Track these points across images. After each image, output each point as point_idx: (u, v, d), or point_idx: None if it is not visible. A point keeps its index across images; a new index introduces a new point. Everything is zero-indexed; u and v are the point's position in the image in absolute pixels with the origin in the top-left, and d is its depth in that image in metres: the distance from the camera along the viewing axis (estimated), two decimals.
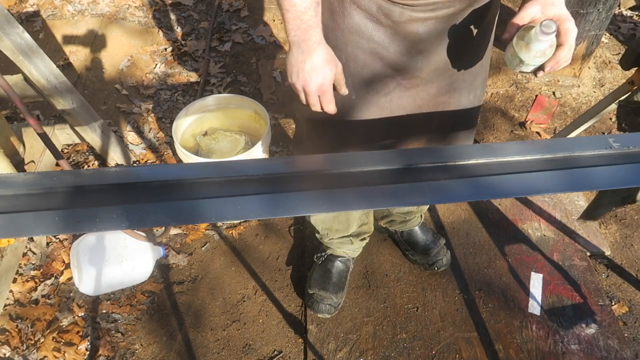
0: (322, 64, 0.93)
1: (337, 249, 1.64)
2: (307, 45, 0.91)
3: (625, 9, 2.99)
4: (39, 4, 2.91)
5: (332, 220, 1.52)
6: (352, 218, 1.51)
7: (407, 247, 1.77)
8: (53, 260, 1.80)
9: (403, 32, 0.97)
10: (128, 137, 2.24)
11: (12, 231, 0.59)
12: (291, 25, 0.90)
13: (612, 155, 0.72)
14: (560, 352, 1.57)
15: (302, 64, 0.93)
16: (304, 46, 0.92)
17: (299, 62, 0.93)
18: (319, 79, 0.93)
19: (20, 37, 1.48)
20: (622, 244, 1.90)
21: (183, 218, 0.61)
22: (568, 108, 2.44)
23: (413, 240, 1.75)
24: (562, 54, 0.88)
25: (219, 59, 2.64)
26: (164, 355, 1.59)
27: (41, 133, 1.24)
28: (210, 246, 1.87)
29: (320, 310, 1.61)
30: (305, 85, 0.95)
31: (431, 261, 1.73)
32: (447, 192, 0.67)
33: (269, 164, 0.71)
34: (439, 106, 1.12)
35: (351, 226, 1.54)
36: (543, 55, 0.88)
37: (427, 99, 1.10)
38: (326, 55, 0.94)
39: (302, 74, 0.94)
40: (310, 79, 0.94)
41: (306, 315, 1.65)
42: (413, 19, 0.95)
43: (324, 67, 0.93)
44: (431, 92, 1.09)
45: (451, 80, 1.09)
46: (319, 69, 0.93)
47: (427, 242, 1.73)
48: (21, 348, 1.59)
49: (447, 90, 1.10)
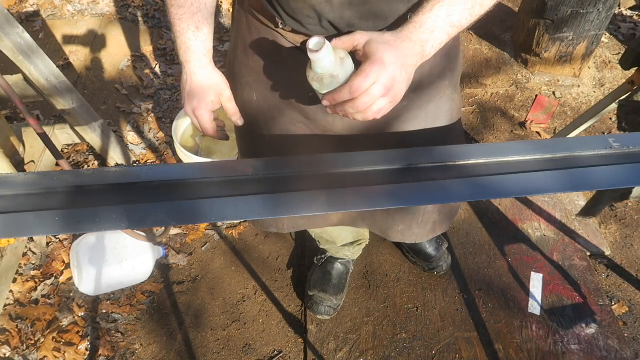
0: (199, 88, 0.91)
1: (336, 253, 1.64)
2: (189, 67, 0.91)
3: (625, 9, 2.99)
4: (39, 4, 2.91)
5: (330, 235, 1.51)
6: (337, 235, 1.50)
7: (408, 250, 1.76)
8: (53, 260, 1.80)
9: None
10: (128, 137, 2.24)
11: (13, 231, 0.59)
12: (176, 44, 0.91)
13: (612, 155, 0.72)
14: (560, 352, 1.57)
15: (184, 85, 0.93)
16: (186, 67, 0.91)
17: (182, 83, 0.93)
18: (194, 103, 0.92)
19: (20, 37, 1.48)
20: (622, 244, 1.90)
21: (183, 218, 0.61)
22: (568, 108, 2.44)
23: (417, 247, 1.72)
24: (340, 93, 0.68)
25: (219, 59, 2.64)
26: (164, 355, 1.59)
27: (41, 133, 1.23)
28: (210, 246, 1.87)
29: (320, 312, 1.61)
30: (184, 106, 0.94)
31: (432, 266, 1.71)
32: (447, 192, 0.67)
33: (269, 164, 0.71)
34: (400, 143, 0.96)
35: (346, 238, 1.54)
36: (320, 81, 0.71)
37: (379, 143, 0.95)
38: (208, 80, 0.92)
39: (183, 94, 0.94)
40: (186, 102, 0.93)
41: (306, 315, 1.65)
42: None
43: (202, 92, 0.92)
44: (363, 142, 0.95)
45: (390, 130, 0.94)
46: (195, 93, 0.92)
47: (431, 250, 1.70)
48: (21, 348, 1.59)
49: (392, 137, 0.95)
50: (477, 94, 2.49)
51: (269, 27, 0.85)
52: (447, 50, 0.87)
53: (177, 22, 0.88)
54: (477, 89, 2.51)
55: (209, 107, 0.94)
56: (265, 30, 0.87)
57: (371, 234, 1.66)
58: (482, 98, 2.46)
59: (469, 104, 2.44)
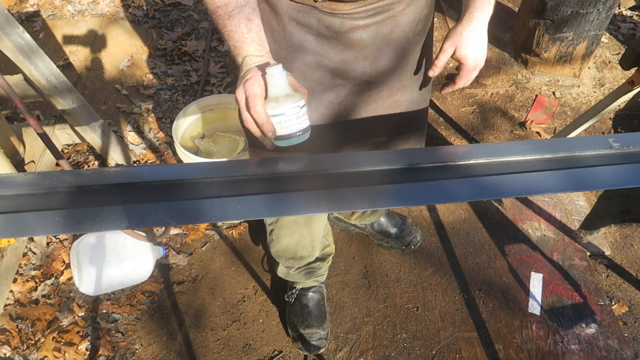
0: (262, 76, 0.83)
1: (306, 281, 1.59)
2: (247, 61, 0.85)
3: (625, 9, 2.99)
4: (39, 4, 2.91)
5: (296, 247, 1.45)
6: (316, 240, 1.47)
7: (381, 237, 1.82)
8: (53, 260, 1.80)
9: (347, 41, 0.97)
10: (128, 137, 2.24)
11: (13, 231, 0.59)
12: (231, 45, 0.87)
13: (612, 155, 0.72)
14: (560, 352, 1.57)
15: (244, 76, 0.84)
16: (245, 62, 0.85)
17: (240, 79, 0.84)
18: (255, 88, 0.81)
19: (20, 37, 1.48)
20: (622, 244, 1.90)
21: (183, 218, 0.61)
22: (568, 108, 2.44)
23: (384, 229, 1.81)
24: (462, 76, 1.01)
25: (219, 59, 2.64)
26: (164, 355, 1.59)
27: (41, 133, 1.24)
28: (211, 246, 1.87)
29: (314, 348, 1.56)
30: (242, 91, 0.82)
31: (407, 242, 1.81)
32: (447, 192, 0.67)
33: (269, 164, 0.71)
34: (393, 106, 1.13)
35: (316, 249, 1.50)
36: (275, 101, 0.79)
37: (380, 101, 1.11)
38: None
39: (240, 93, 0.83)
40: (244, 89, 0.82)
41: None
42: (354, 27, 0.95)
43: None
44: (383, 93, 1.09)
45: (400, 79, 1.09)
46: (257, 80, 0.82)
47: (398, 226, 1.81)
48: (21, 348, 1.59)
49: (398, 88, 1.11)
50: (477, 94, 2.49)
51: (304, 3, 0.91)
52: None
53: (228, 21, 0.86)
54: (477, 89, 2.51)
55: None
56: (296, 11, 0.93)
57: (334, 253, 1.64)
58: (482, 98, 2.46)
59: (469, 104, 2.44)
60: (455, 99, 2.46)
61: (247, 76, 0.82)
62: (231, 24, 0.86)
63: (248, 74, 0.82)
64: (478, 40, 0.96)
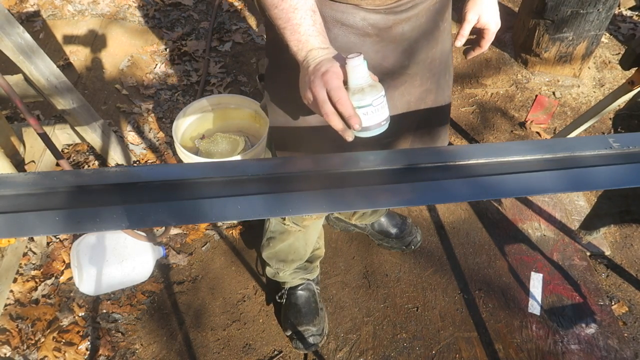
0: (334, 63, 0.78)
1: (293, 280, 1.60)
2: (313, 54, 0.80)
3: (625, 9, 2.99)
4: (39, 4, 2.91)
5: (289, 250, 1.46)
6: (310, 245, 1.47)
7: (381, 237, 1.82)
8: (53, 260, 1.80)
9: (389, 37, 0.98)
10: (128, 137, 2.24)
11: (13, 231, 0.59)
12: (293, 41, 0.82)
13: (612, 155, 0.72)
14: (560, 352, 1.57)
15: (309, 72, 0.79)
16: (310, 55, 0.81)
17: (303, 76, 0.80)
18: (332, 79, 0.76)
19: (20, 37, 1.48)
20: (622, 244, 1.90)
21: (183, 218, 0.61)
22: (568, 108, 2.44)
23: (384, 229, 1.82)
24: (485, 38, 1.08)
25: (219, 59, 2.64)
26: (164, 355, 1.59)
27: (41, 133, 1.24)
28: (211, 246, 1.87)
29: (308, 345, 1.56)
30: (321, 85, 0.77)
31: (407, 242, 1.81)
32: (447, 192, 0.67)
33: (269, 164, 0.71)
34: (423, 96, 1.15)
35: (307, 253, 1.51)
36: (361, 92, 0.76)
37: (413, 93, 1.12)
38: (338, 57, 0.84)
39: (306, 89, 0.79)
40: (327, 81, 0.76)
41: None
42: (397, 21, 0.96)
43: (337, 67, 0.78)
44: (415, 84, 1.11)
45: (430, 67, 1.12)
46: (331, 68, 0.77)
47: (398, 226, 1.82)
48: (21, 348, 1.59)
49: (429, 77, 1.13)
50: (477, 94, 2.49)
51: (349, 3, 0.92)
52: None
53: (293, 14, 0.81)
54: (477, 89, 2.51)
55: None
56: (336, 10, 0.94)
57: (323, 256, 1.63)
58: (482, 98, 2.46)
59: (469, 104, 2.44)
60: (455, 99, 2.46)
61: (322, 69, 0.76)
62: (296, 17, 0.81)
63: (322, 67, 0.77)
64: (494, 4, 1.08)
